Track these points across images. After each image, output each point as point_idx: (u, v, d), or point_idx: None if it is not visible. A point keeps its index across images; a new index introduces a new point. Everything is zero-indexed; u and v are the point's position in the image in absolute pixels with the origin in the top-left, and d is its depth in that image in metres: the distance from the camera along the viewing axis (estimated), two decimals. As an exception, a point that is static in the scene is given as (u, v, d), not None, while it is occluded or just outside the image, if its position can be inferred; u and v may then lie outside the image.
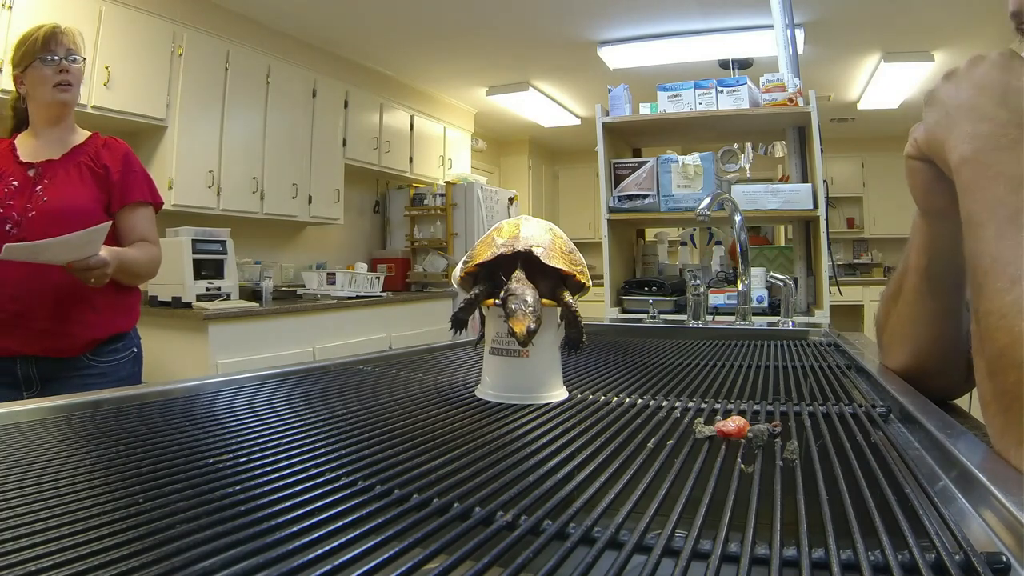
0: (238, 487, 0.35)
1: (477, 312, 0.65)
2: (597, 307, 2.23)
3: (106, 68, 2.65)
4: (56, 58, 1.38)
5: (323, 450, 0.43)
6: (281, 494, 0.34)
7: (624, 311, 2.22)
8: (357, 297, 3.63)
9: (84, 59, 1.45)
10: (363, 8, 3.57)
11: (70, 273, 1.29)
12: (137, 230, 1.48)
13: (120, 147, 1.50)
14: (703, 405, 0.60)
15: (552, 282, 0.63)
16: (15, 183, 1.37)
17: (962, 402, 0.72)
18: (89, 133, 1.49)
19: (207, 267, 3.03)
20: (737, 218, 1.58)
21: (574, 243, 0.68)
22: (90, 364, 1.41)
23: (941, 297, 0.63)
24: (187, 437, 0.46)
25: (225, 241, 3.13)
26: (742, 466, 0.40)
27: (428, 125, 5.00)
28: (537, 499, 0.34)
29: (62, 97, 1.40)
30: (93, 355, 1.41)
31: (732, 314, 1.67)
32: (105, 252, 1.31)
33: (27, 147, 1.41)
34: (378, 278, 3.84)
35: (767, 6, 2.39)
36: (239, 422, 0.51)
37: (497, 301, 0.59)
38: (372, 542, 0.28)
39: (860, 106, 5.26)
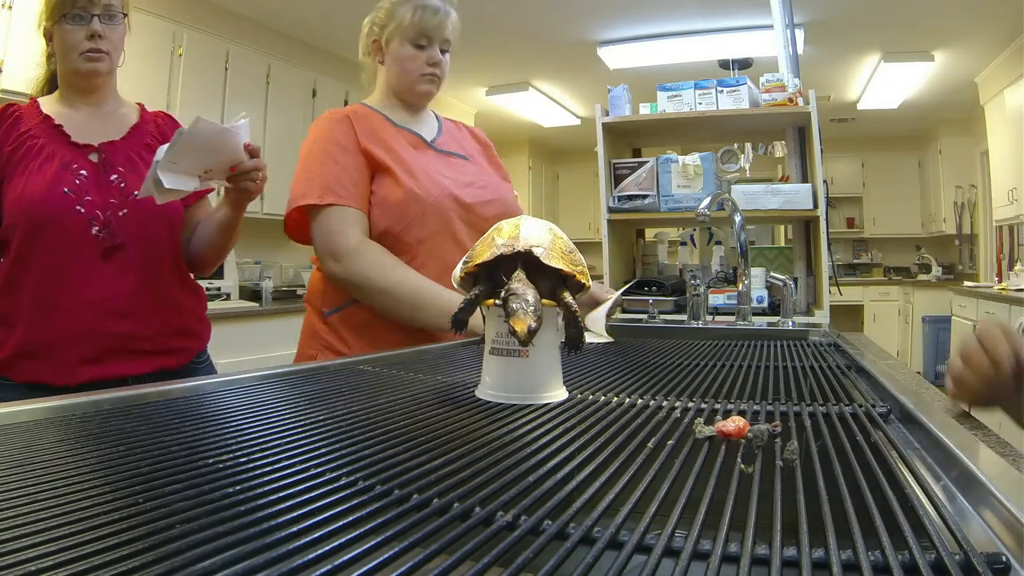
0: (238, 487, 0.35)
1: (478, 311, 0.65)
2: (597, 307, 2.23)
3: (106, 68, 2.65)
4: (87, 15, 1.08)
5: (323, 450, 0.43)
6: (281, 494, 0.34)
7: (624, 311, 2.22)
8: (357, 297, 3.63)
9: (126, 16, 1.15)
10: (363, 8, 3.56)
11: (231, 181, 1.08)
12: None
13: (175, 124, 1.26)
14: (703, 405, 0.60)
15: (552, 282, 0.63)
16: (83, 172, 1.10)
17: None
18: (136, 104, 1.25)
19: (207, 267, 3.02)
20: (737, 218, 1.58)
21: (574, 243, 0.68)
22: (195, 370, 1.24)
23: None
24: (187, 437, 0.46)
25: (225, 241, 3.13)
26: (742, 466, 0.40)
27: (428, 125, 4.99)
28: (537, 499, 0.34)
29: (90, 67, 1.11)
30: (194, 362, 1.25)
31: (732, 314, 1.67)
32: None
33: (72, 123, 1.13)
34: (378, 278, 3.83)
35: (767, 6, 2.39)
36: (239, 422, 0.51)
37: (497, 301, 0.59)
38: (372, 542, 0.28)
39: (860, 106, 5.26)
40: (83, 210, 1.07)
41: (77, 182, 1.08)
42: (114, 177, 1.12)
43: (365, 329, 1.22)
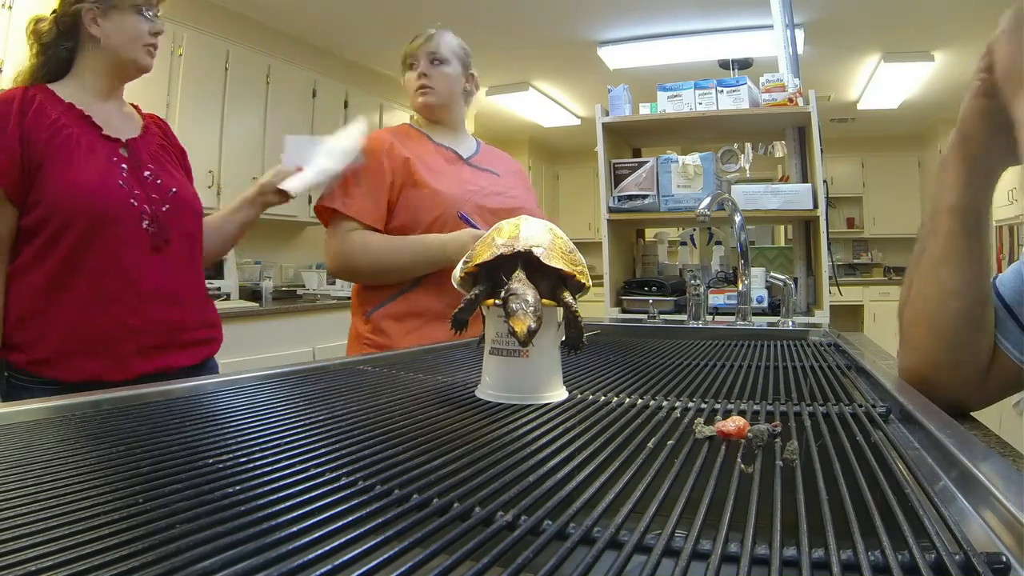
0: (238, 487, 0.35)
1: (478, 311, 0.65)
2: (597, 307, 2.23)
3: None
4: (154, 15, 1.13)
5: (323, 450, 0.43)
6: (281, 494, 0.34)
7: (624, 311, 2.22)
8: (357, 297, 3.63)
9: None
10: (363, 8, 3.57)
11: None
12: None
13: (167, 126, 1.29)
14: (703, 405, 0.60)
15: (552, 282, 0.63)
16: (124, 166, 1.09)
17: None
18: (131, 104, 1.24)
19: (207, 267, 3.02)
20: (737, 218, 1.58)
21: (574, 243, 0.68)
22: (211, 366, 1.26)
23: (976, 237, 0.63)
24: (187, 437, 0.46)
25: (225, 241, 3.13)
26: (742, 466, 0.40)
27: (428, 125, 4.99)
28: (537, 499, 0.34)
29: (149, 62, 1.14)
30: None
31: (732, 314, 1.67)
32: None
33: (98, 115, 1.11)
34: (378, 278, 3.84)
35: (767, 6, 2.39)
36: (239, 422, 0.51)
37: (497, 301, 0.59)
38: (372, 542, 0.28)
39: (860, 106, 5.26)
40: (136, 204, 1.08)
41: (124, 176, 1.08)
42: (147, 173, 1.13)
43: (405, 318, 1.32)
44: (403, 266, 1.30)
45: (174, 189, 1.15)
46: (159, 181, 1.13)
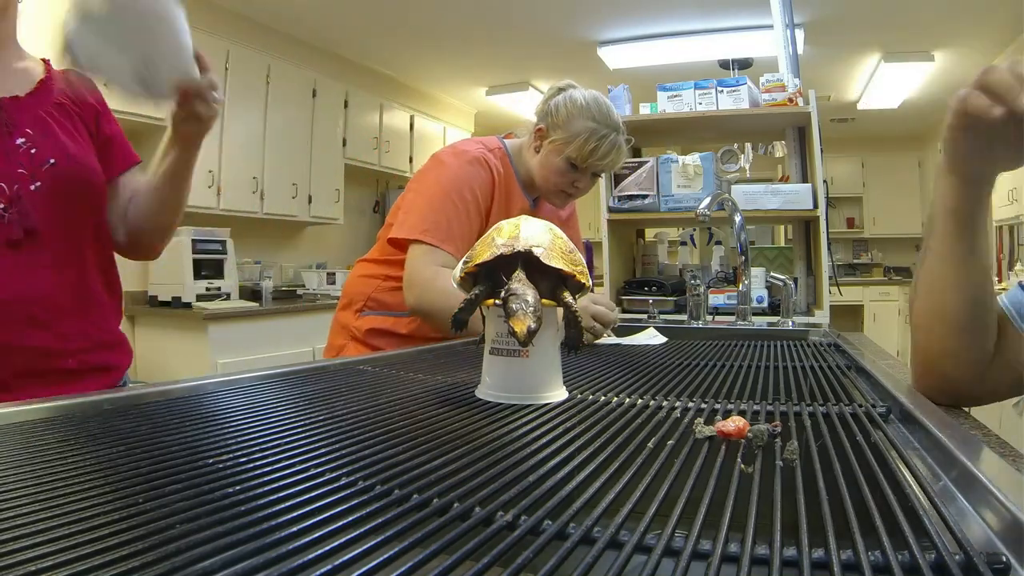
0: (238, 487, 0.35)
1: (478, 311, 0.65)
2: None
3: (106, 68, 2.65)
4: None
5: (323, 450, 0.43)
6: (281, 494, 0.34)
7: (624, 311, 2.22)
8: (357, 297, 3.63)
9: None
10: (363, 8, 3.57)
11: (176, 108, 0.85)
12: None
13: (91, 83, 0.95)
14: (703, 405, 0.60)
15: (552, 282, 0.63)
16: None
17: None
18: (41, 59, 0.96)
19: (207, 267, 3.03)
20: (737, 218, 1.58)
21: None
22: None
23: (971, 236, 0.67)
24: (187, 437, 0.46)
25: (225, 241, 3.14)
26: (742, 466, 0.40)
27: (428, 125, 5.00)
28: (537, 499, 0.34)
29: None
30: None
31: (732, 314, 1.67)
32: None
33: None
34: (378, 278, 3.84)
35: (767, 6, 2.40)
36: (239, 422, 0.51)
37: (497, 301, 0.59)
38: (372, 542, 0.28)
39: (860, 106, 5.26)
40: None
41: None
42: (21, 141, 0.86)
43: (397, 339, 1.28)
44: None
45: (52, 160, 0.86)
46: (33, 151, 0.86)
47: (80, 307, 0.91)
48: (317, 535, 0.28)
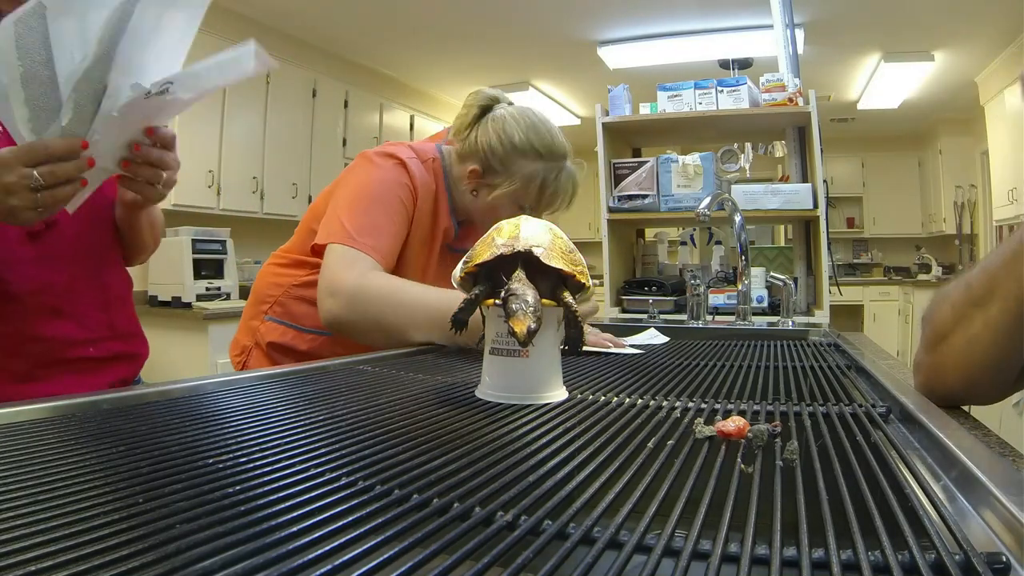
0: (238, 487, 0.35)
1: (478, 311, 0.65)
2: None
3: (106, 68, 2.65)
4: None
5: (323, 450, 0.43)
6: (281, 494, 0.34)
7: (624, 311, 2.22)
8: (357, 297, 3.63)
9: None
10: (363, 8, 3.57)
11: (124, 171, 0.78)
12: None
13: None
14: (703, 405, 0.60)
15: (552, 282, 0.63)
16: None
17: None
18: None
19: (207, 267, 3.03)
20: (737, 218, 1.58)
21: (574, 243, 0.68)
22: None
23: None
24: (187, 437, 0.46)
25: (225, 241, 3.14)
26: (742, 466, 0.40)
27: (428, 125, 5.00)
28: (537, 499, 0.34)
29: None
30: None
31: (732, 314, 1.67)
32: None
33: None
34: (378, 278, 3.84)
35: (767, 6, 2.40)
36: (239, 422, 0.51)
37: (497, 301, 0.59)
38: (372, 542, 0.28)
39: (860, 106, 5.26)
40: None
41: None
42: None
43: (289, 354, 1.16)
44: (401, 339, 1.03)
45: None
46: None
47: (99, 297, 0.91)
48: (317, 535, 0.28)
